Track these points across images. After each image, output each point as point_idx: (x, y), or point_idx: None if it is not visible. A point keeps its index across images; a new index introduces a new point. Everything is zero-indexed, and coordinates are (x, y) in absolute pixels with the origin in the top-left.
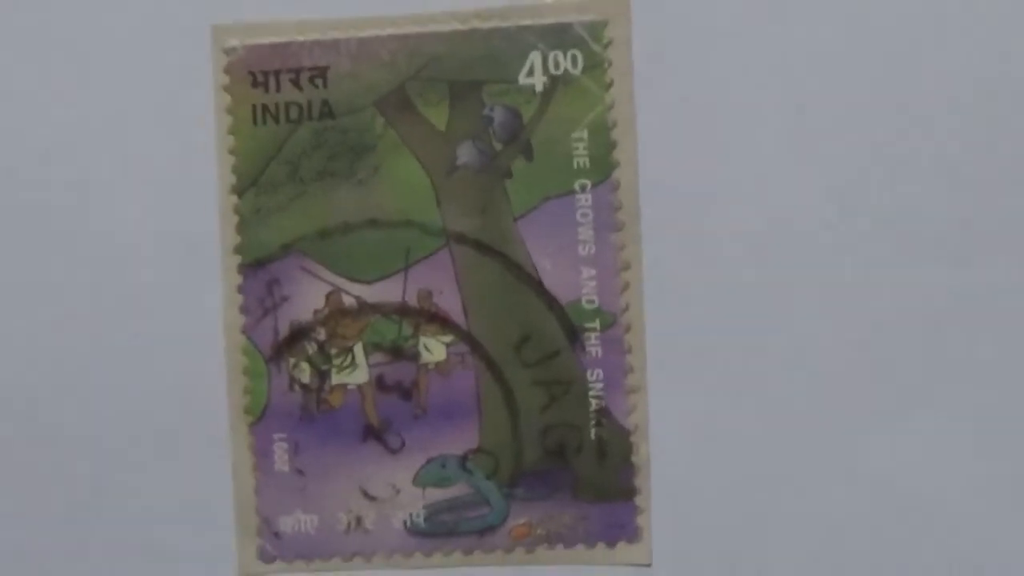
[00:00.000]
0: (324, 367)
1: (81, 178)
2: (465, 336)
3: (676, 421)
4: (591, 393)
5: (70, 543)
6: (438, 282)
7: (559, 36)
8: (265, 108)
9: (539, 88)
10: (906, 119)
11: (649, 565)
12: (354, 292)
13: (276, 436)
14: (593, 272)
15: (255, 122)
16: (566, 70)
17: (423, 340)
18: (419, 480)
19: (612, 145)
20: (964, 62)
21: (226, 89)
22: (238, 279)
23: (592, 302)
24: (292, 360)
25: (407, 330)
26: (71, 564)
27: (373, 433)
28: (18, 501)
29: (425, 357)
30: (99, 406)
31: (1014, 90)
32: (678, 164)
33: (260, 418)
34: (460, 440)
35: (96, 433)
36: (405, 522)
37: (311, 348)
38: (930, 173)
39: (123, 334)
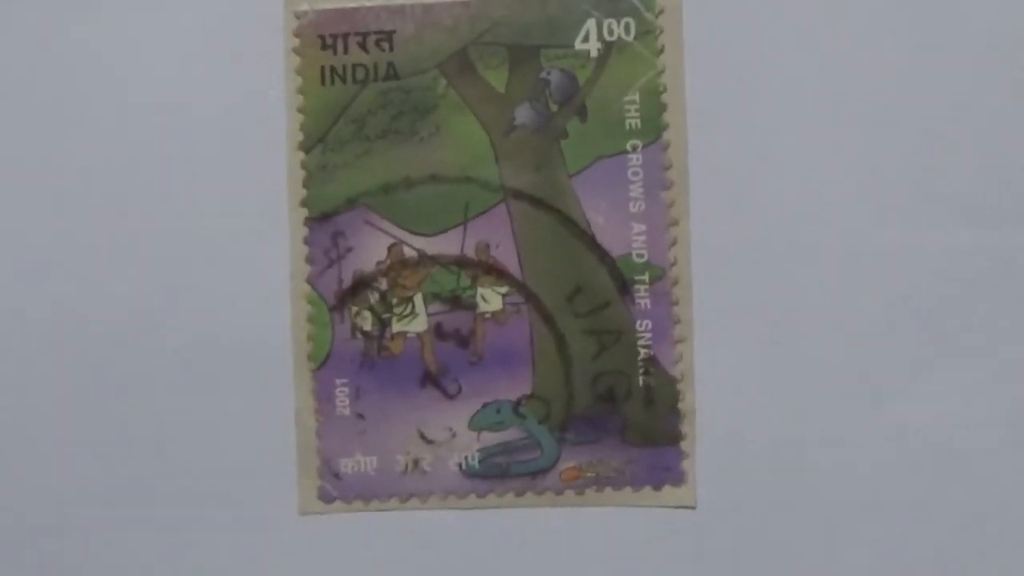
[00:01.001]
0: (385, 315)
1: (159, 135)
2: (520, 287)
3: (720, 370)
4: (640, 343)
5: (141, 482)
6: (495, 235)
7: (614, 4)
8: (333, 69)
9: (594, 53)
10: (940, 88)
11: (694, 507)
12: (415, 244)
13: (338, 381)
14: (643, 228)
15: (323, 82)
16: (620, 36)
17: (480, 290)
18: (474, 424)
19: (662, 108)
20: (994, 35)
21: (296, 51)
22: (304, 231)
23: (642, 256)
24: (355, 309)
25: (465, 281)
26: (141, 502)
27: (431, 379)
28: (91, 443)
29: (482, 307)
30: (170, 352)
31: None
32: (725, 127)
33: (323, 364)
34: (514, 386)
35: (167, 377)
36: (460, 464)
37: (373, 297)
38: (960, 142)
39: (194, 283)
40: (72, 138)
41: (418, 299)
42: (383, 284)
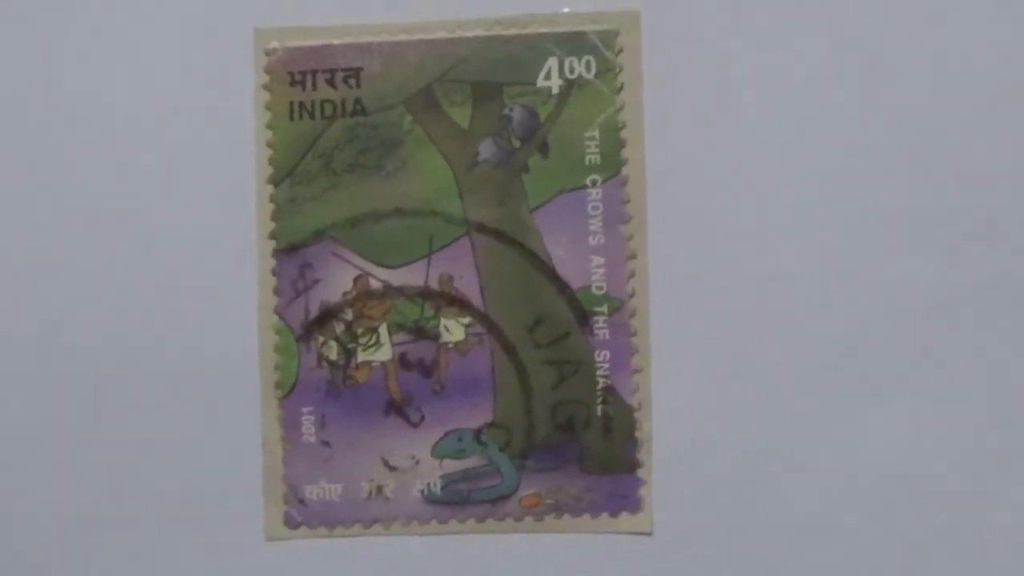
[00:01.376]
0: (351, 345)
1: (129, 167)
2: (482, 318)
3: (677, 399)
4: (598, 372)
5: (108, 506)
6: (458, 268)
7: (575, 43)
8: (302, 105)
9: (555, 90)
10: (897, 120)
11: (650, 534)
12: (380, 276)
13: (304, 409)
14: (602, 260)
15: (292, 118)
16: (580, 74)
17: (443, 321)
18: (437, 451)
19: (621, 144)
20: (957, 62)
21: (266, 87)
22: (273, 263)
23: (601, 288)
24: (321, 339)
25: (429, 312)
26: (109, 525)
27: (395, 407)
28: (59, 466)
29: (445, 337)
30: (139, 377)
31: (1005, 90)
32: (683, 162)
33: (290, 392)
34: (476, 415)
35: (135, 402)
36: (423, 491)
37: (339, 328)
38: (918, 173)
39: (163, 311)
40: (41, 168)
41: (383, 329)
42: (349, 315)
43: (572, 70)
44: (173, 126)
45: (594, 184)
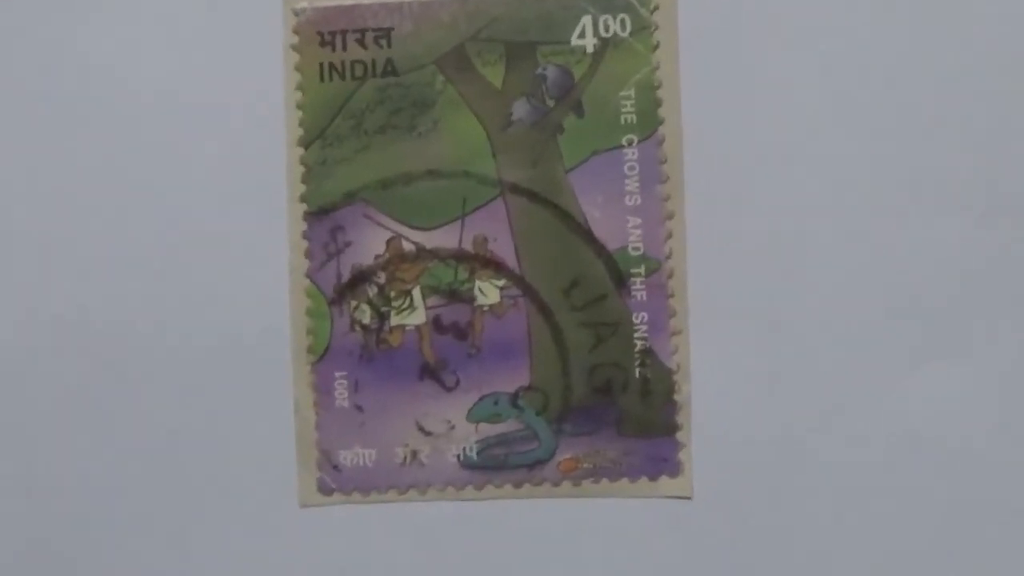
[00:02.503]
0: (384, 309)
1: (159, 131)
2: (518, 280)
3: (716, 362)
4: (636, 335)
5: (142, 477)
6: (493, 229)
7: (609, 1)
8: (332, 66)
9: (590, 49)
10: (934, 84)
11: (690, 498)
12: (413, 238)
13: (337, 374)
14: (639, 221)
15: (322, 79)
16: (615, 33)
17: (478, 284)
18: (472, 416)
19: (657, 103)
20: (987, 36)
21: (295, 48)
22: (303, 226)
23: (638, 249)
24: (354, 302)
25: (463, 274)
26: (142, 496)
27: (429, 371)
28: (92, 439)
29: (480, 300)
30: (171, 346)
31: None
32: (719, 121)
33: (322, 357)
34: (512, 378)
35: (168, 371)
36: (459, 456)
37: (372, 291)
38: (955, 137)
39: (194, 278)
40: (72, 136)
41: (416, 293)
42: (381, 278)
43: (607, 28)
44: (202, 90)
45: (630, 144)
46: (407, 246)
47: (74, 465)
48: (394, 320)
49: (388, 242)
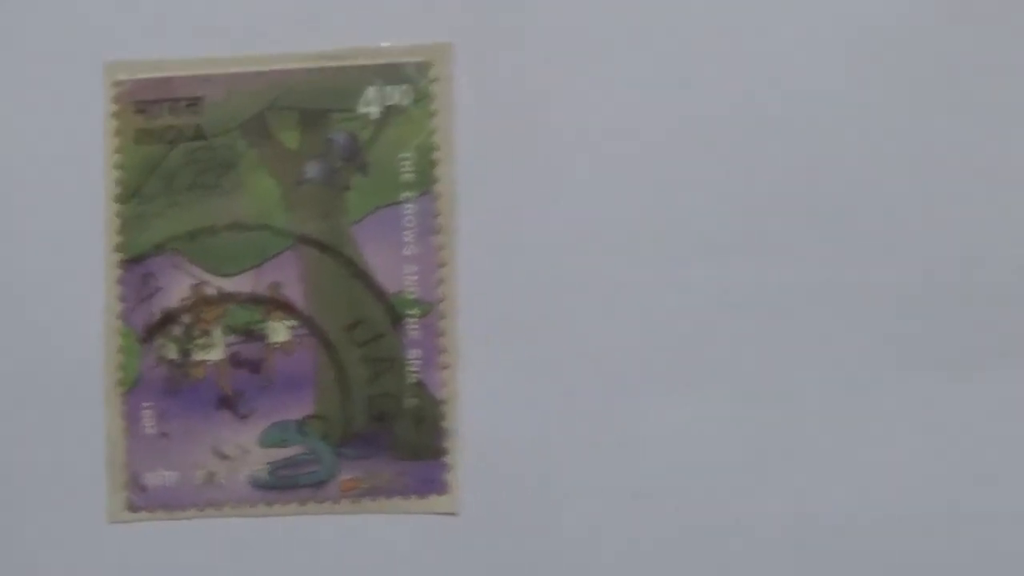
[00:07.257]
0: (188, 346)
1: None
2: (306, 320)
3: (481, 393)
4: (410, 369)
5: None
6: (286, 275)
7: (392, 74)
8: (147, 131)
9: (374, 116)
10: (702, 136)
11: (456, 514)
12: (216, 284)
13: (144, 404)
14: (415, 268)
15: (138, 143)
16: (397, 102)
17: (271, 324)
18: (263, 441)
19: (434, 164)
20: (742, 78)
21: (114, 115)
22: (119, 272)
23: (413, 293)
24: (161, 340)
25: (258, 315)
26: None
27: (226, 402)
28: None
29: (272, 338)
30: None
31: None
32: (490, 179)
33: (132, 388)
34: (299, 407)
35: None
36: (251, 477)
37: (178, 330)
38: (706, 184)
39: (19, 315)
40: None
41: (217, 331)
42: (187, 319)
43: (390, 98)
44: (30, 151)
45: (408, 200)
46: (209, 291)
47: None
48: (196, 356)
49: (193, 287)
